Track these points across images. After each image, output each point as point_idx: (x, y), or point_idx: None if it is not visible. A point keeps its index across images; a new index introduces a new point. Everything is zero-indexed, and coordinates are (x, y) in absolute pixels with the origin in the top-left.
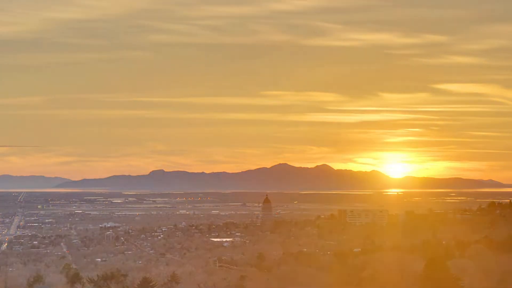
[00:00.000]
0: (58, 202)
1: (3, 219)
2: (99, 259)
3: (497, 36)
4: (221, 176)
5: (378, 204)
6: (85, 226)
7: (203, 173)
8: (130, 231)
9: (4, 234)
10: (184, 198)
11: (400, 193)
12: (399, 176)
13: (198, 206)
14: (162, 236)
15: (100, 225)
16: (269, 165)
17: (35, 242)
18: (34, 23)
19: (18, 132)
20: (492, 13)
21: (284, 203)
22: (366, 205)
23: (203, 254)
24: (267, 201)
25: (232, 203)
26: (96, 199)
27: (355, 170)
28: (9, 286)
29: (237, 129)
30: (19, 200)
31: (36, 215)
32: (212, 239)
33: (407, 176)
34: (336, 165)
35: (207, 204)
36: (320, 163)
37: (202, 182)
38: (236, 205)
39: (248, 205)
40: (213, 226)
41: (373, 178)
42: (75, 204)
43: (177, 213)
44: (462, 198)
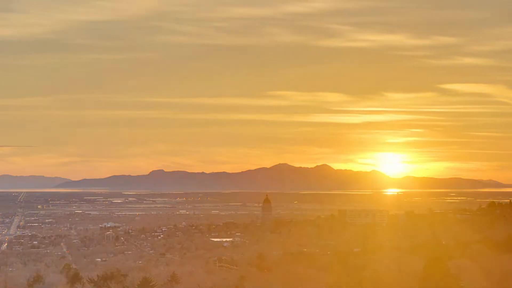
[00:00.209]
0: (58, 202)
1: (3, 219)
2: (99, 259)
3: (509, 37)
4: (221, 176)
5: (378, 204)
6: (85, 226)
7: (203, 173)
8: (130, 231)
9: (4, 234)
10: (184, 198)
11: (400, 193)
12: (399, 176)
13: (198, 206)
14: (162, 236)
15: (100, 225)
16: (269, 165)
17: (35, 242)
18: (50, 24)
19: (20, 132)
20: (505, 15)
21: (284, 203)
22: (365, 205)
23: (203, 254)
24: (267, 201)
25: (232, 203)
26: (96, 199)
27: (355, 170)
28: (9, 286)
29: (238, 129)
30: (19, 200)
31: (36, 215)
32: (212, 239)
33: (407, 176)
34: (336, 165)
35: (207, 204)
36: (320, 163)
37: (202, 182)
38: (236, 205)
39: (248, 205)
40: (213, 226)
41: (373, 178)
42: (75, 204)
43: (177, 213)
44: (462, 198)
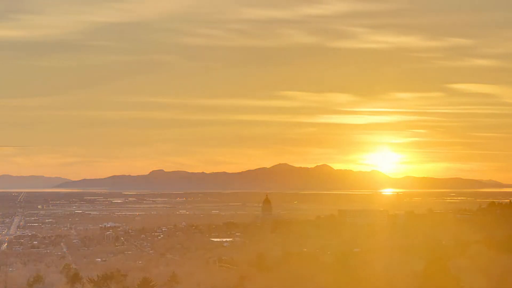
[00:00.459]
0: (58, 202)
1: (3, 219)
2: (99, 259)
3: None
4: (221, 176)
5: (378, 204)
6: (85, 226)
7: (203, 173)
8: (130, 231)
9: (4, 234)
10: (184, 198)
11: (400, 193)
12: (399, 176)
13: (198, 206)
14: (162, 236)
15: (100, 225)
16: (269, 165)
17: (35, 242)
18: (66, 26)
19: (20, 132)
20: None
21: (284, 203)
22: (365, 205)
23: (203, 254)
24: (267, 201)
25: (232, 203)
26: (96, 199)
27: (355, 170)
28: (9, 286)
29: (238, 130)
30: (19, 200)
31: (36, 215)
32: (212, 239)
33: (407, 176)
34: (336, 165)
35: (207, 204)
36: (320, 163)
37: (202, 182)
38: (236, 205)
39: (248, 205)
40: (213, 226)
41: (373, 178)
42: (75, 204)
43: (177, 213)
44: (462, 198)
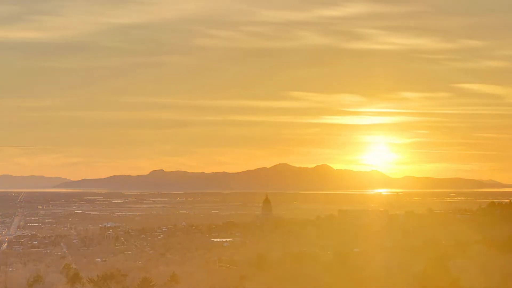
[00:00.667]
0: (58, 202)
1: (3, 219)
2: (99, 259)
3: None
4: (221, 176)
5: (378, 204)
6: (85, 226)
7: (203, 173)
8: (130, 231)
9: (4, 234)
10: (184, 198)
11: (400, 193)
12: (399, 176)
13: (198, 206)
14: (162, 236)
15: (100, 225)
16: (269, 165)
17: (35, 242)
18: (85, 27)
19: (21, 133)
20: None
21: (284, 203)
22: (365, 205)
23: (203, 254)
24: (267, 201)
25: (232, 203)
26: (96, 199)
27: (355, 170)
28: (9, 286)
29: (238, 130)
30: (19, 200)
31: (36, 215)
32: (212, 239)
33: (407, 176)
34: (336, 165)
35: (207, 204)
36: (320, 163)
37: (202, 182)
38: (236, 205)
39: (248, 205)
40: (213, 226)
41: (373, 178)
42: (75, 204)
43: (177, 213)
44: (462, 198)
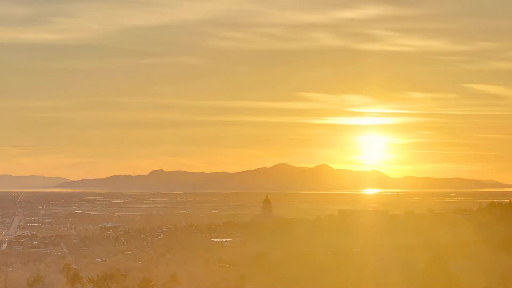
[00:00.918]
0: (58, 202)
1: (3, 219)
2: (99, 259)
3: None
4: (221, 176)
5: (378, 204)
6: (85, 226)
7: (203, 173)
8: (130, 231)
9: (4, 234)
10: (184, 198)
11: (400, 193)
12: (399, 176)
13: (198, 206)
14: (162, 236)
15: (100, 225)
16: (269, 165)
17: (35, 242)
18: (102, 29)
19: (21, 133)
20: None
21: (284, 203)
22: (365, 205)
23: (203, 254)
24: (267, 201)
25: (232, 203)
26: (96, 199)
27: (355, 170)
28: (9, 286)
29: (238, 130)
30: (19, 200)
31: (36, 215)
32: (212, 239)
33: (407, 176)
34: (336, 165)
35: (207, 204)
36: (320, 163)
37: (202, 182)
38: (236, 205)
39: (248, 205)
40: (213, 226)
41: (373, 178)
42: (75, 204)
43: (177, 213)
44: (462, 198)
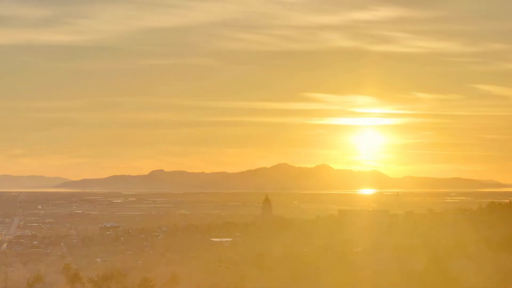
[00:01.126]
0: (58, 202)
1: (3, 219)
2: (99, 259)
3: None
4: (221, 176)
5: (378, 204)
6: (85, 226)
7: (203, 173)
8: (130, 231)
9: (4, 234)
10: (184, 198)
11: (400, 193)
12: (399, 176)
13: (198, 206)
14: (162, 236)
15: (100, 225)
16: (269, 165)
17: (35, 242)
18: (116, 30)
19: (22, 134)
20: None
21: (284, 203)
22: (365, 205)
23: (203, 254)
24: (267, 201)
25: (232, 203)
26: (96, 199)
27: (355, 170)
28: (9, 286)
29: (238, 130)
30: (19, 200)
31: (36, 215)
32: (212, 239)
33: (407, 176)
34: (336, 165)
35: (207, 204)
36: (320, 163)
37: (202, 182)
38: (236, 205)
39: (248, 205)
40: (213, 226)
41: (373, 178)
42: (75, 204)
43: (177, 213)
44: (462, 198)
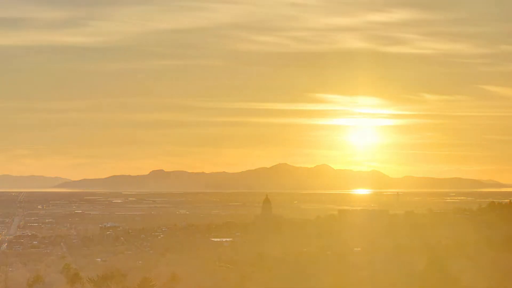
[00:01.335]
0: (58, 202)
1: (3, 219)
2: (99, 259)
3: None
4: (221, 176)
5: (378, 204)
6: (85, 226)
7: (203, 173)
8: (130, 231)
9: (4, 234)
10: (184, 198)
11: (400, 193)
12: (399, 176)
13: (198, 206)
14: (162, 236)
15: (100, 225)
16: (269, 165)
17: (35, 242)
18: (130, 32)
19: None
20: None
21: (284, 203)
22: (365, 205)
23: (203, 254)
24: (267, 201)
25: (232, 203)
26: (96, 199)
27: (355, 170)
28: (9, 286)
29: (238, 130)
30: (19, 200)
31: (36, 215)
32: (212, 239)
33: (407, 176)
34: (336, 165)
35: (207, 204)
36: (320, 163)
37: (202, 182)
38: (236, 205)
39: (248, 205)
40: (213, 226)
41: (373, 178)
42: (75, 204)
43: (177, 213)
44: (462, 198)
